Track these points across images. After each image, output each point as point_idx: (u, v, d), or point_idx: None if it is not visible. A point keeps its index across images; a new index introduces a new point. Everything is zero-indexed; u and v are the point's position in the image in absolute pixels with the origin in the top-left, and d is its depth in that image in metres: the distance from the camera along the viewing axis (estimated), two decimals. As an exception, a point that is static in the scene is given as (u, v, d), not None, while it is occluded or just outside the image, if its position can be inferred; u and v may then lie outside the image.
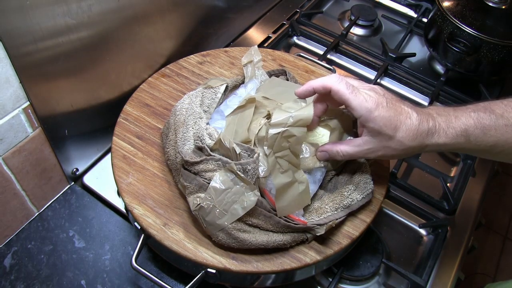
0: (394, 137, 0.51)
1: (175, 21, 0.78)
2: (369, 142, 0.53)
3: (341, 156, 0.55)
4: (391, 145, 0.51)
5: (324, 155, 0.56)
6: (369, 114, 0.50)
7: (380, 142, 0.52)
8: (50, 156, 0.66)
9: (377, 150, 0.53)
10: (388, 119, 0.50)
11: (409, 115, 0.51)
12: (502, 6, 0.90)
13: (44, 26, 0.54)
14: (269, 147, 0.54)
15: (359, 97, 0.51)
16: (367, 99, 0.51)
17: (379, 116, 0.50)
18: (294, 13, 1.07)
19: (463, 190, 0.78)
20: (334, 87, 0.52)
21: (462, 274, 0.71)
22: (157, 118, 0.68)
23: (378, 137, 0.51)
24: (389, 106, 0.51)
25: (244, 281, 0.57)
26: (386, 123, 0.50)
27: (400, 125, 0.50)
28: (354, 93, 0.51)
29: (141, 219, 0.56)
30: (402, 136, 0.50)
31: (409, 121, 0.51)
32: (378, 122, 0.50)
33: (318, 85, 0.53)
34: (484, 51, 0.88)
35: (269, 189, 0.55)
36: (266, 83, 0.67)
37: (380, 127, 0.50)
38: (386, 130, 0.50)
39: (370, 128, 0.51)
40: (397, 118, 0.50)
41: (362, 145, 0.53)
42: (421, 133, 0.51)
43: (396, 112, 0.51)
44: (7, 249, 0.65)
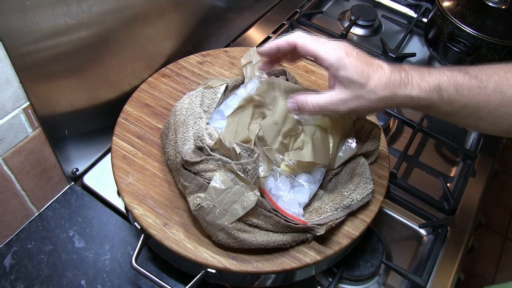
0: (366, 85, 0.49)
1: (175, 21, 0.78)
2: (341, 92, 0.50)
3: (311, 107, 0.52)
4: (364, 94, 0.49)
5: (293, 106, 0.53)
6: (339, 61, 0.49)
7: (353, 91, 0.50)
8: (50, 156, 0.66)
9: (349, 100, 0.50)
10: (359, 67, 0.49)
11: (380, 66, 0.50)
12: (502, 6, 0.90)
13: (44, 26, 0.54)
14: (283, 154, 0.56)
15: (327, 46, 0.50)
16: (335, 48, 0.50)
17: (350, 63, 0.49)
18: (294, 13, 1.07)
19: (463, 190, 0.78)
20: (299, 41, 0.51)
21: (462, 274, 0.71)
22: (157, 118, 0.68)
23: (350, 86, 0.49)
24: (359, 56, 0.50)
25: (244, 281, 0.57)
26: (357, 70, 0.49)
27: (372, 73, 0.49)
28: (321, 43, 0.50)
29: (141, 219, 0.56)
30: (374, 85, 0.49)
31: (381, 70, 0.49)
32: (350, 69, 0.49)
33: (283, 42, 0.52)
34: (484, 51, 0.88)
35: (269, 189, 0.55)
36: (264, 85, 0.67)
37: (352, 74, 0.49)
38: (358, 78, 0.49)
39: (342, 77, 0.49)
40: (368, 67, 0.49)
41: (334, 96, 0.51)
42: (393, 83, 0.49)
43: (367, 63, 0.50)
44: (7, 249, 0.65)
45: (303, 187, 0.56)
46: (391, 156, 0.69)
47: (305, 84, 0.75)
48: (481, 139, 0.87)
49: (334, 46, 0.50)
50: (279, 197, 0.55)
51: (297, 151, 0.56)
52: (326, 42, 0.51)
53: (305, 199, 0.56)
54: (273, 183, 0.56)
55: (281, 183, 0.56)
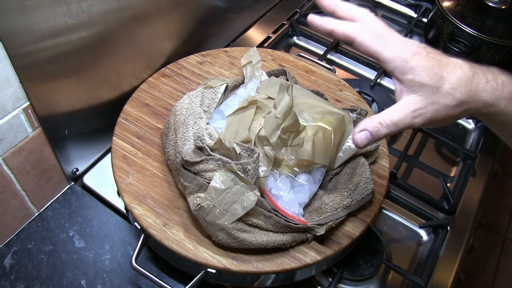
0: (441, 88, 0.41)
1: (175, 21, 0.78)
2: (413, 102, 0.42)
3: (387, 126, 0.43)
4: (440, 100, 0.42)
5: (366, 136, 0.44)
6: (405, 64, 0.42)
7: (427, 97, 0.42)
8: (50, 156, 0.66)
9: (425, 110, 0.42)
10: (430, 68, 0.42)
11: (459, 65, 0.43)
12: (502, 6, 0.90)
13: (44, 26, 0.54)
14: (280, 148, 0.56)
15: (390, 46, 0.43)
16: (401, 48, 0.43)
17: (419, 65, 0.42)
18: (294, 13, 1.07)
19: (463, 190, 0.78)
20: (358, 38, 0.43)
21: (462, 274, 0.71)
22: (157, 118, 0.68)
23: (422, 91, 0.42)
24: (431, 56, 0.43)
25: (244, 281, 0.57)
26: (428, 72, 0.42)
27: (448, 74, 0.42)
28: (383, 42, 0.43)
29: (141, 219, 0.56)
30: (451, 87, 0.41)
31: (460, 70, 0.42)
32: (419, 71, 0.42)
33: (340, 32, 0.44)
34: (484, 51, 0.88)
35: (269, 189, 0.55)
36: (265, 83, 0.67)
37: (422, 77, 0.42)
38: (430, 80, 0.41)
39: (410, 82, 0.42)
40: (443, 67, 0.42)
41: (406, 107, 0.43)
42: (476, 85, 0.42)
43: (441, 63, 0.42)
44: (7, 249, 0.65)
45: (303, 187, 0.56)
46: (391, 156, 0.69)
47: (305, 84, 0.75)
48: (481, 139, 0.87)
49: (400, 46, 0.43)
50: (279, 197, 0.55)
51: (296, 147, 0.56)
52: (390, 40, 0.43)
53: (305, 199, 0.56)
54: (273, 183, 0.56)
55: (281, 183, 0.56)
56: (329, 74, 0.78)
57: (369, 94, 0.90)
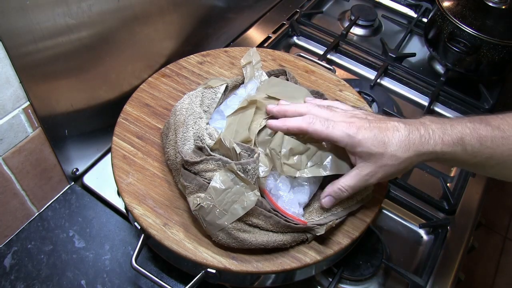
0: (385, 153, 0.50)
1: (175, 21, 0.78)
2: (365, 167, 0.51)
3: (345, 191, 0.53)
4: (386, 162, 0.50)
5: (330, 200, 0.55)
6: (352, 140, 0.50)
7: (375, 163, 0.51)
8: (50, 156, 0.66)
9: (375, 172, 0.51)
10: (374, 138, 0.50)
11: (396, 128, 0.50)
12: (502, 6, 0.90)
13: (44, 26, 0.54)
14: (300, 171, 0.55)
15: (337, 128, 0.51)
16: (346, 127, 0.51)
17: (364, 138, 0.50)
18: (294, 13, 1.07)
19: (463, 190, 0.78)
20: (310, 129, 0.52)
21: (462, 274, 0.71)
22: (157, 118, 0.68)
23: (371, 158, 0.50)
24: (372, 126, 0.51)
25: (244, 281, 0.57)
26: (373, 142, 0.50)
27: (389, 140, 0.50)
28: (331, 127, 0.51)
29: (141, 219, 0.56)
30: (394, 149, 0.49)
31: (398, 133, 0.50)
32: (364, 143, 0.50)
33: (293, 126, 0.53)
34: (484, 51, 0.88)
35: (269, 189, 0.55)
36: (265, 83, 0.67)
37: (369, 147, 0.50)
38: (375, 148, 0.50)
39: (360, 153, 0.51)
40: (383, 134, 0.50)
41: (360, 173, 0.52)
42: (413, 142, 0.50)
43: (381, 129, 0.50)
44: (7, 249, 0.65)
45: (303, 187, 0.56)
46: (391, 156, 0.69)
47: (305, 84, 0.75)
48: (481, 139, 0.87)
49: (345, 125, 0.51)
50: (279, 197, 0.55)
51: (316, 165, 0.55)
52: (335, 123, 0.51)
53: (305, 199, 0.56)
54: (273, 183, 0.56)
55: (281, 183, 0.56)
56: (329, 74, 0.78)
57: (369, 94, 0.90)
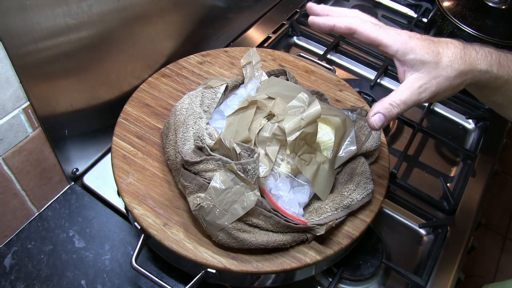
0: (440, 62, 0.46)
1: (175, 21, 0.78)
2: (418, 78, 0.47)
3: (397, 106, 0.47)
4: (441, 73, 0.46)
5: (380, 118, 0.48)
6: (405, 45, 0.46)
7: (429, 73, 0.46)
8: (50, 156, 0.66)
9: (429, 84, 0.46)
10: (427, 46, 0.46)
11: (450, 42, 0.48)
12: (502, 6, 0.90)
13: (44, 26, 0.54)
14: (291, 151, 0.55)
15: (389, 32, 0.47)
16: (399, 33, 0.47)
17: (417, 45, 0.46)
18: (294, 13, 1.07)
19: (463, 190, 0.78)
20: (359, 28, 0.48)
21: (462, 274, 0.71)
22: (157, 118, 0.68)
23: (424, 68, 0.46)
24: (425, 37, 0.48)
25: (244, 281, 0.57)
26: (427, 50, 0.46)
27: (443, 50, 0.46)
28: (382, 29, 0.48)
29: (141, 219, 0.56)
30: (449, 60, 0.46)
31: (452, 46, 0.47)
32: (418, 50, 0.46)
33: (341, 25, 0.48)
34: (484, 51, 0.88)
35: (269, 189, 0.55)
36: (265, 83, 0.67)
37: (422, 55, 0.46)
38: (429, 57, 0.46)
39: (411, 61, 0.46)
40: (437, 45, 0.47)
41: (412, 85, 0.47)
42: (469, 56, 0.47)
43: (434, 42, 0.47)
44: (7, 249, 0.65)
45: (303, 187, 0.56)
46: (391, 156, 0.69)
47: (305, 84, 0.75)
48: (481, 139, 0.87)
49: (397, 31, 0.48)
50: (279, 197, 0.55)
51: (302, 161, 0.56)
52: (387, 28, 0.48)
53: (305, 199, 0.56)
54: (273, 183, 0.56)
55: (281, 183, 0.56)
56: (329, 74, 0.78)
57: (369, 94, 0.90)
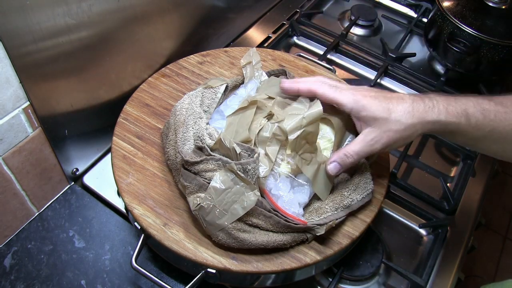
0: (389, 118, 0.51)
1: (175, 21, 0.78)
2: (370, 132, 0.52)
3: (350, 156, 0.54)
4: (391, 127, 0.51)
5: (335, 166, 0.55)
6: (358, 104, 0.51)
7: (380, 128, 0.51)
8: (50, 156, 0.66)
9: (380, 137, 0.52)
10: (378, 104, 0.51)
11: (400, 97, 0.52)
12: (502, 6, 0.90)
13: (44, 26, 0.54)
14: (291, 150, 0.55)
15: (344, 93, 0.53)
16: (353, 93, 0.52)
17: (369, 103, 0.51)
18: (294, 13, 1.07)
19: (463, 190, 0.78)
20: (319, 91, 0.54)
21: (462, 274, 0.71)
22: (157, 118, 0.68)
23: (376, 123, 0.51)
24: (377, 95, 0.52)
25: (244, 281, 0.57)
26: (377, 107, 0.51)
27: (393, 106, 0.51)
28: (338, 91, 0.53)
29: (141, 219, 0.56)
30: (398, 115, 0.51)
31: (402, 101, 0.51)
32: (369, 108, 0.51)
33: (304, 88, 0.56)
34: (484, 51, 0.88)
35: (269, 189, 0.55)
36: (265, 83, 0.67)
37: (373, 112, 0.51)
38: (379, 113, 0.51)
39: (364, 117, 0.52)
40: (388, 101, 0.51)
41: (364, 138, 0.53)
42: (417, 109, 0.51)
43: (386, 98, 0.52)
44: (7, 249, 0.65)
45: (303, 187, 0.56)
46: (391, 156, 0.69)
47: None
48: (481, 139, 0.87)
49: (352, 91, 0.53)
50: (279, 197, 0.55)
51: (303, 160, 0.56)
52: (344, 89, 0.54)
53: (305, 199, 0.56)
54: (273, 183, 0.56)
55: (281, 183, 0.56)
56: (329, 74, 0.78)
57: (369, 94, 0.90)
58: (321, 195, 0.56)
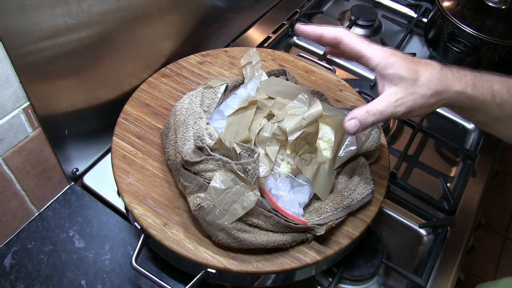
0: (417, 80, 0.48)
1: (175, 21, 0.78)
2: (395, 92, 0.49)
3: (373, 115, 0.49)
4: (417, 90, 0.48)
5: (355, 123, 0.49)
6: (386, 60, 0.49)
7: (406, 89, 0.48)
8: (50, 156, 0.66)
9: (405, 99, 0.48)
10: (407, 63, 0.48)
11: (429, 63, 0.50)
12: (502, 6, 0.90)
13: (44, 26, 0.54)
14: (291, 151, 0.55)
15: (373, 46, 0.50)
16: (382, 48, 0.50)
17: (397, 61, 0.48)
18: (294, 13, 1.07)
19: (463, 190, 0.78)
20: (345, 38, 0.51)
21: (462, 274, 0.71)
22: (157, 118, 0.68)
23: (402, 83, 0.48)
24: (406, 56, 0.50)
25: (244, 281, 0.57)
26: (406, 66, 0.48)
27: (421, 69, 0.48)
28: (367, 43, 0.50)
29: (141, 219, 0.56)
30: (426, 78, 0.48)
31: (430, 66, 0.49)
32: (398, 66, 0.48)
33: (328, 33, 0.52)
34: (484, 51, 0.88)
35: (269, 189, 0.55)
36: (265, 83, 0.67)
37: (401, 71, 0.48)
38: (407, 74, 0.48)
39: (391, 75, 0.48)
40: (417, 64, 0.49)
41: (389, 97, 0.49)
42: (445, 77, 0.48)
43: (414, 61, 0.49)
44: (7, 249, 0.65)
45: (303, 187, 0.56)
46: (391, 156, 0.69)
47: (305, 84, 0.75)
48: (481, 139, 0.87)
49: (380, 47, 0.50)
50: (279, 197, 0.55)
51: (303, 161, 0.56)
52: (372, 43, 0.51)
53: (305, 199, 0.56)
54: (273, 183, 0.56)
55: (281, 183, 0.56)
56: (329, 74, 0.78)
57: (369, 94, 0.90)
58: (321, 195, 0.56)
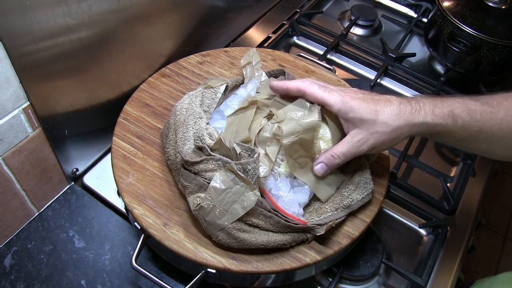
0: (377, 120, 0.51)
1: (175, 21, 0.78)
2: (357, 134, 0.52)
3: (337, 158, 0.54)
4: (378, 129, 0.51)
5: (322, 167, 0.55)
6: (346, 105, 0.52)
7: (367, 129, 0.52)
8: (50, 156, 0.66)
9: (366, 139, 0.52)
10: (366, 105, 0.51)
11: (388, 100, 0.52)
12: (502, 6, 0.90)
13: (44, 26, 0.54)
14: (287, 154, 0.55)
15: (333, 94, 0.53)
16: (341, 94, 0.53)
17: (356, 105, 0.52)
18: (294, 13, 1.07)
19: (463, 190, 0.78)
20: (308, 89, 0.55)
21: (462, 274, 0.71)
22: (157, 118, 0.68)
23: (363, 125, 0.52)
24: (366, 97, 0.53)
25: (244, 281, 0.57)
26: (365, 109, 0.51)
27: (380, 108, 0.51)
28: (327, 91, 0.54)
29: (141, 219, 0.56)
30: (385, 117, 0.51)
31: (389, 103, 0.52)
32: (357, 109, 0.51)
33: (293, 87, 0.56)
34: (484, 51, 0.88)
35: (269, 189, 0.55)
36: (265, 83, 0.67)
37: (361, 113, 0.51)
38: (367, 115, 0.51)
39: (352, 119, 0.52)
40: (376, 104, 0.52)
41: (352, 139, 0.53)
42: (404, 112, 0.51)
43: (374, 100, 0.52)
44: (7, 249, 0.65)
45: (303, 187, 0.56)
46: (391, 156, 0.69)
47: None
48: (481, 139, 0.87)
49: (340, 93, 0.53)
50: (279, 197, 0.55)
51: (297, 164, 0.56)
52: (332, 89, 0.54)
53: (305, 199, 0.56)
54: (273, 183, 0.56)
55: (281, 183, 0.56)
56: (329, 74, 0.78)
57: (369, 94, 0.90)
58: (324, 199, 0.57)
